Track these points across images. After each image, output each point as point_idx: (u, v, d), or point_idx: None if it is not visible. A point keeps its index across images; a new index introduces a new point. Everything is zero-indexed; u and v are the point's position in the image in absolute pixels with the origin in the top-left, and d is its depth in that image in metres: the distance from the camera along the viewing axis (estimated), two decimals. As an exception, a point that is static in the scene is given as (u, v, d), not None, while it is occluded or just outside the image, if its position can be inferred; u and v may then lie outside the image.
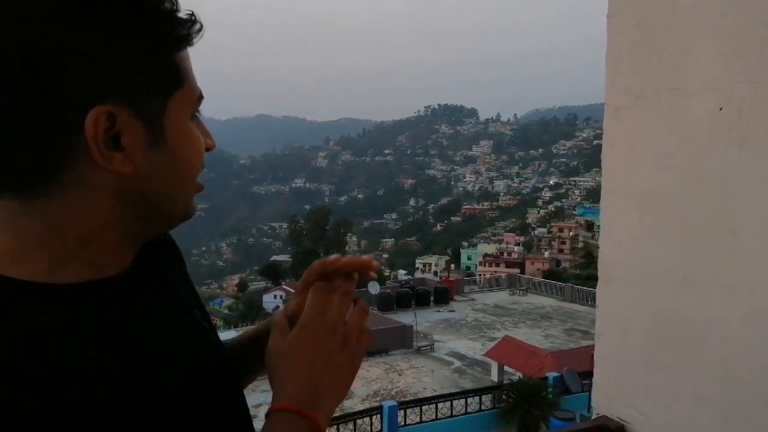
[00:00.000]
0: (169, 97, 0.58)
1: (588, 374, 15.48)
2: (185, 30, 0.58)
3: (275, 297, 59.42)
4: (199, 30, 0.60)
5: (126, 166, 0.55)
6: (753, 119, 1.00)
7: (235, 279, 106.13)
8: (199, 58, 0.67)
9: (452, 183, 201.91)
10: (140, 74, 0.55)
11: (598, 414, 1.31)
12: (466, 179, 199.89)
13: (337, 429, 13.96)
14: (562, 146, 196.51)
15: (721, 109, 1.04)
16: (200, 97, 0.62)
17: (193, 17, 0.59)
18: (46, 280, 0.54)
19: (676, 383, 1.15)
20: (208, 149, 0.66)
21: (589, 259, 53.65)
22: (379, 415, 14.67)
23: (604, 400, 1.30)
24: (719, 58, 1.04)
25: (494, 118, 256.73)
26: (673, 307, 1.14)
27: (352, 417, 14.53)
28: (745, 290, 1.03)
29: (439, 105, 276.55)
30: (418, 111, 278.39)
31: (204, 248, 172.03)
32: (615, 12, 1.22)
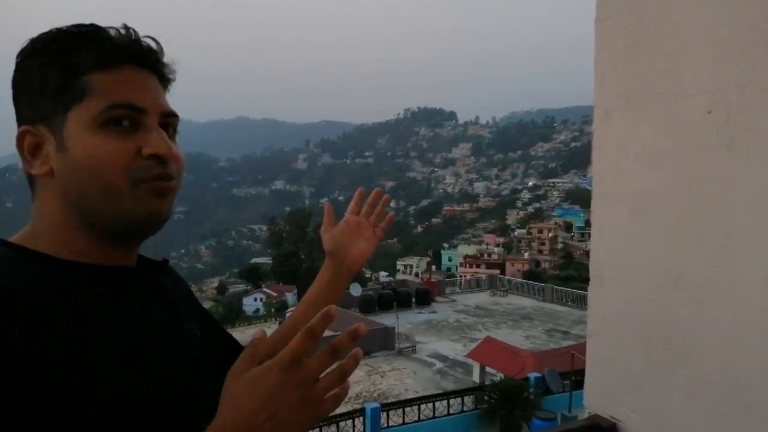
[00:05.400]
0: (68, 110, 0.71)
1: (569, 374, 15.62)
2: (91, 56, 0.72)
3: (255, 300, 58.89)
4: (109, 54, 0.73)
5: (42, 169, 0.72)
6: (740, 122, 1.03)
7: (215, 282, 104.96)
8: (178, 59, 0.77)
9: (432, 185, 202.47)
10: (50, 96, 0.72)
11: (590, 413, 1.33)
12: (446, 181, 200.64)
13: (320, 431, 13.90)
14: (540, 148, 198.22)
15: (709, 111, 1.06)
16: (110, 107, 0.72)
17: (100, 45, 0.73)
18: (51, 254, 0.72)
19: (669, 382, 1.16)
20: (156, 155, 0.73)
21: (568, 259, 54.10)
22: (361, 418, 14.63)
23: (596, 399, 1.31)
24: (708, 62, 1.07)
25: (473, 120, 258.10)
26: (666, 308, 1.16)
27: (334, 419, 14.47)
28: (737, 289, 1.05)
29: (418, 107, 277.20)
30: (398, 113, 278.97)
31: (183, 251, 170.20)
32: (604, 17, 1.24)
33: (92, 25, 0.75)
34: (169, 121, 0.79)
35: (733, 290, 1.06)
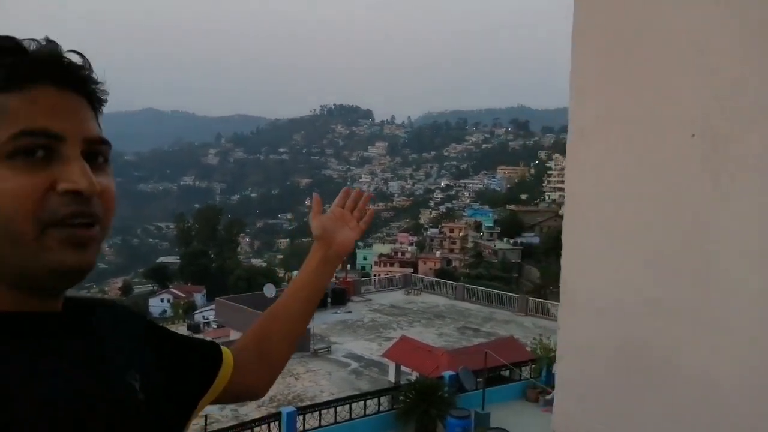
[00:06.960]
0: None
1: (482, 372, 16.06)
2: (0, 74, 0.60)
3: (162, 300, 56.34)
4: (22, 71, 0.61)
5: None
6: (723, 146, 1.01)
7: (119, 282, 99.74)
8: (75, 44, 0.67)
9: (348, 183, 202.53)
10: None
11: (556, 436, 1.30)
12: (362, 180, 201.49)
13: (234, 438, 13.45)
14: (453, 149, 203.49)
15: (693, 135, 1.04)
16: (19, 134, 0.59)
17: (11, 60, 0.61)
18: None
19: (643, 407, 1.14)
20: (74, 191, 0.62)
21: (478, 258, 55.84)
22: (277, 422, 14.32)
23: (564, 422, 1.28)
24: (692, 84, 1.05)
25: (389, 120, 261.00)
26: (642, 334, 1.14)
27: (249, 425, 14.08)
28: (716, 318, 1.04)
29: (334, 105, 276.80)
30: (314, 110, 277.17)
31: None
32: (580, 32, 1.20)
33: (4, 38, 0.62)
34: (97, 149, 0.67)
35: (712, 318, 1.05)
